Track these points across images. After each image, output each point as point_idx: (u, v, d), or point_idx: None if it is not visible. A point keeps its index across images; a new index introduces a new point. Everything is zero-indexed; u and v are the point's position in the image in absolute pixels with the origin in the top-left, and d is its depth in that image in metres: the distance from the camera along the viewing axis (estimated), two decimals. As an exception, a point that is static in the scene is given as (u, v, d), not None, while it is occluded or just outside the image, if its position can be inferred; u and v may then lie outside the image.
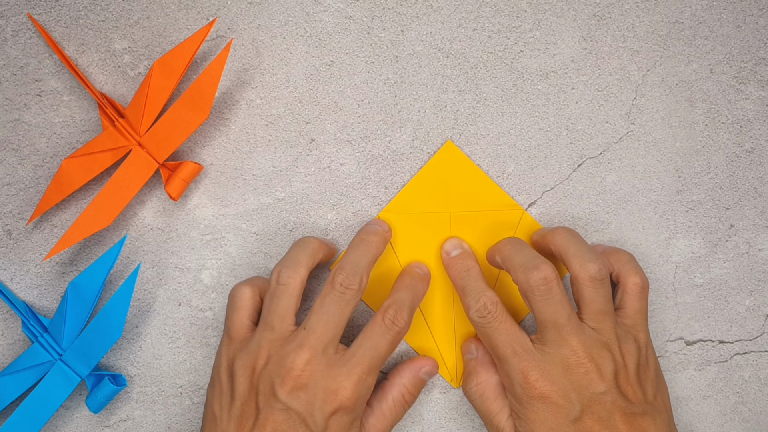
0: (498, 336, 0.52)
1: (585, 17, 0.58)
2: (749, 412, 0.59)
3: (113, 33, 0.57)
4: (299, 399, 0.49)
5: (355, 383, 0.49)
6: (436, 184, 0.57)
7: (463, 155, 0.58)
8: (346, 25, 0.57)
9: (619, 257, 0.55)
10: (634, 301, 0.54)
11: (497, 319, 0.52)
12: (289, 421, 0.49)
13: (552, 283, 0.51)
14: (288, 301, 0.52)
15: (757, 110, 0.58)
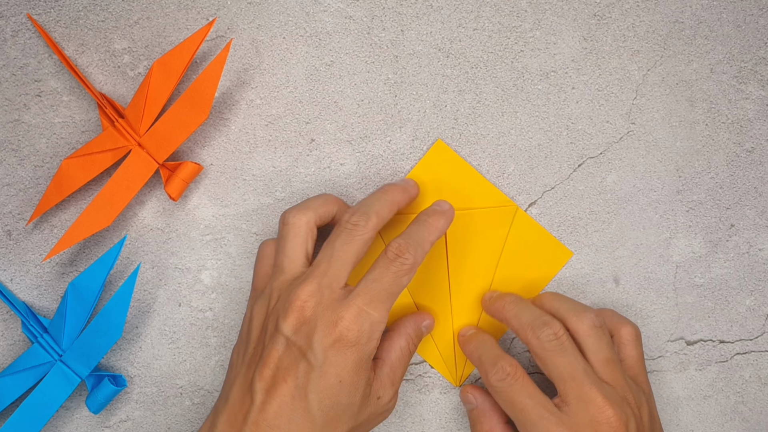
0: (521, 398, 0.51)
1: (585, 17, 0.58)
2: (750, 411, 0.59)
3: (113, 33, 0.57)
4: (300, 332, 0.48)
5: (355, 314, 0.48)
6: (428, 184, 0.57)
7: (454, 153, 0.57)
8: (345, 25, 0.57)
9: (604, 313, 0.55)
10: (631, 350, 0.54)
11: (518, 381, 0.51)
12: (290, 355, 0.48)
13: (563, 338, 0.51)
14: (294, 241, 0.51)
15: (758, 110, 0.58)
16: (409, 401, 0.58)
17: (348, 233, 0.50)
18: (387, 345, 0.52)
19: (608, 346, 0.52)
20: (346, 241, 0.50)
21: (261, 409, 0.48)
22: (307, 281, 0.49)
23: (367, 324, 0.48)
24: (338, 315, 0.48)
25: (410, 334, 0.53)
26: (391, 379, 0.51)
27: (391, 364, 0.51)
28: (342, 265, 0.49)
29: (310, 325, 0.48)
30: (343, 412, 0.48)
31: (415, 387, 0.58)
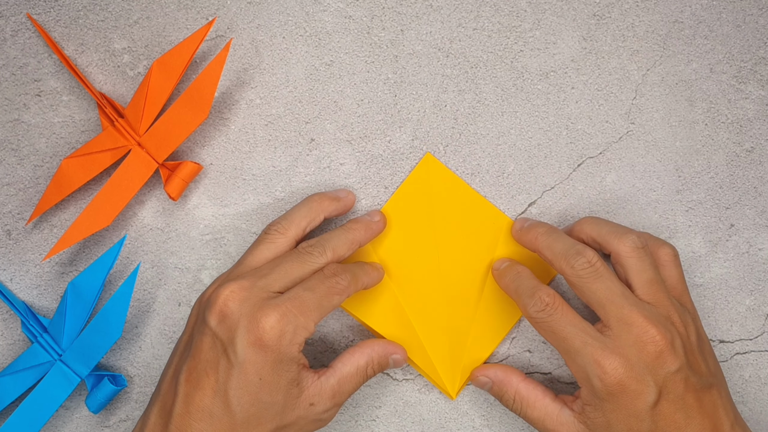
0: (563, 327, 0.50)
1: (585, 17, 0.58)
2: (750, 411, 0.59)
3: (112, 33, 0.57)
4: (223, 325, 0.48)
5: (281, 315, 0.48)
6: (418, 199, 0.57)
7: (443, 167, 0.57)
8: (345, 25, 0.57)
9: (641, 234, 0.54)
10: (672, 270, 0.53)
11: (558, 311, 0.50)
12: (213, 349, 0.48)
13: (597, 264, 0.50)
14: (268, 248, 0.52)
15: (757, 109, 0.58)
16: (409, 401, 0.58)
17: (300, 257, 0.51)
18: (346, 358, 0.52)
19: (651, 267, 0.51)
20: (295, 262, 0.51)
21: (184, 401, 0.48)
22: (243, 278, 0.49)
23: (291, 326, 0.48)
24: (263, 312, 0.48)
25: (374, 357, 0.53)
26: (334, 392, 0.50)
27: (340, 377, 0.51)
28: (283, 276, 0.50)
29: (233, 319, 0.48)
30: (265, 410, 0.48)
31: (414, 387, 0.58)
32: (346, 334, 0.58)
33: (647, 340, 0.49)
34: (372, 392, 0.58)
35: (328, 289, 0.50)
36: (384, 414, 0.58)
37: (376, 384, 0.58)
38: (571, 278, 0.51)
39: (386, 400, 0.58)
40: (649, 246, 0.53)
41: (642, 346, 0.49)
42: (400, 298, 0.57)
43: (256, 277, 0.49)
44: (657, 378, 0.49)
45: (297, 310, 0.48)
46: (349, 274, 0.51)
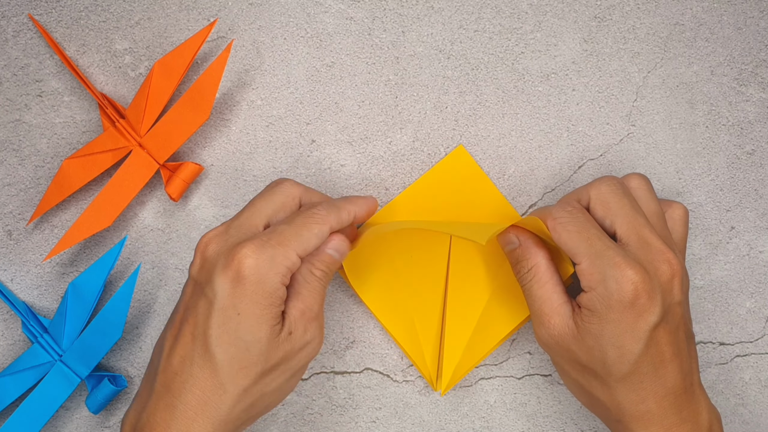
0: (588, 229, 0.49)
1: (586, 19, 0.58)
2: (749, 414, 0.59)
3: (114, 34, 0.57)
4: (203, 270, 0.47)
5: (257, 246, 0.46)
6: (440, 189, 0.57)
7: (473, 162, 0.57)
8: (346, 26, 0.57)
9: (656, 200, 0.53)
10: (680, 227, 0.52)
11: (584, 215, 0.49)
12: (194, 294, 0.47)
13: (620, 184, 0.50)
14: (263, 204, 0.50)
15: (758, 112, 0.58)
16: (409, 403, 0.58)
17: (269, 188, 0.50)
18: (295, 276, 0.49)
19: (657, 203, 0.51)
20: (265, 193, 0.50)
21: (167, 356, 0.47)
22: (221, 225, 0.49)
23: (268, 254, 0.46)
24: (240, 246, 0.46)
25: (312, 261, 0.49)
26: (300, 310, 0.48)
27: (296, 293, 0.48)
28: (254, 210, 0.49)
29: (212, 262, 0.47)
30: (247, 350, 0.46)
31: (414, 388, 0.58)
32: (347, 335, 0.58)
33: (663, 261, 0.48)
34: (372, 394, 0.58)
35: (305, 219, 0.48)
36: (384, 416, 0.58)
37: (376, 386, 0.58)
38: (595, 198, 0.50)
39: (386, 402, 0.58)
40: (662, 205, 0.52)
41: (658, 266, 0.48)
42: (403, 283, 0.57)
43: (229, 221, 0.49)
44: (665, 302, 0.48)
45: (274, 241, 0.46)
46: (327, 205, 0.49)
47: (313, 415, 0.58)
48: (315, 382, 0.58)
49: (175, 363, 0.46)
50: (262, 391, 0.47)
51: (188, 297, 0.48)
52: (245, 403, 0.47)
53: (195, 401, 0.45)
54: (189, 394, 0.45)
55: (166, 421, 0.45)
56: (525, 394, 0.58)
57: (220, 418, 0.46)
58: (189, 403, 0.45)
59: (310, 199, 0.51)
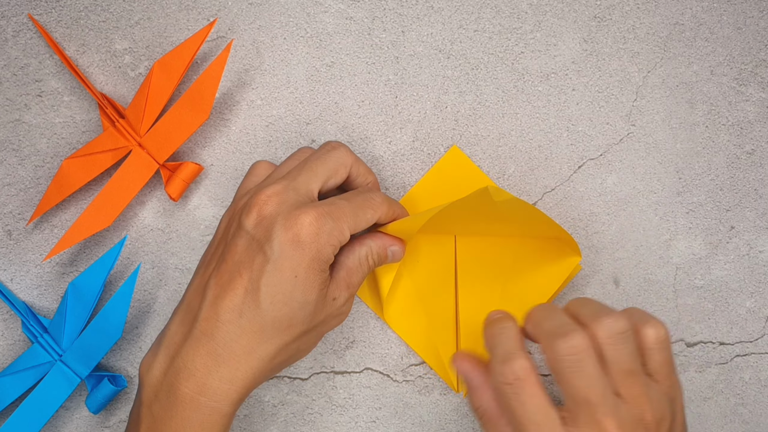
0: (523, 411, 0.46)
1: (585, 19, 0.58)
2: (749, 413, 0.59)
3: (114, 33, 0.57)
4: (260, 226, 0.48)
5: (316, 215, 0.47)
6: (439, 192, 0.57)
7: (469, 161, 0.57)
8: (346, 26, 0.57)
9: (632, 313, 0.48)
10: (656, 354, 0.47)
11: (526, 392, 0.46)
12: (249, 249, 0.48)
13: (582, 354, 0.45)
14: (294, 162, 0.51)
15: (758, 112, 0.58)
16: (409, 402, 0.58)
17: (325, 152, 0.51)
18: (347, 251, 0.51)
19: (630, 356, 0.46)
20: (321, 157, 0.51)
21: (213, 303, 0.47)
22: (276, 182, 0.49)
23: (328, 226, 0.48)
24: (300, 210, 0.48)
25: (372, 247, 0.52)
26: (347, 283, 0.50)
27: (347, 268, 0.50)
28: (312, 175, 0.50)
29: (271, 219, 0.48)
30: (298, 310, 0.48)
31: (414, 388, 0.58)
32: (347, 335, 0.58)
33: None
34: (372, 393, 0.58)
35: (363, 201, 0.50)
36: (384, 415, 0.58)
37: (376, 385, 0.58)
38: (550, 362, 0.46)
39: (386, 402, 0.58)
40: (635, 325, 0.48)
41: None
42: (413, 289, 0.57)
43: (287, 180, 0.49)
44: None
45: (333, 213, 0.48)
46: (383, 195, 0.52)
47: (313, 415, 0.58)
48: (315, 382, 0.58)
49: (222, 313, 0.47)
50: (298, 348, 0.49)
51: (242, 250, 0.48)
52: (282, 356, 0.49)
53: (240, 351, 0.47)
54: (235, 344, 0.47)
55: (208, 367, 0.47)
56: (525, 394, 0.58)
57: (260, 369, 0.48)
58: (234, 353, 0.47)
59: (358, 169, 0.52)
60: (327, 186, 0.51)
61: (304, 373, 0.58)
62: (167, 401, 0.47)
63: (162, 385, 0.48)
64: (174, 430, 0.47)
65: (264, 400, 0.58)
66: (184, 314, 0.49)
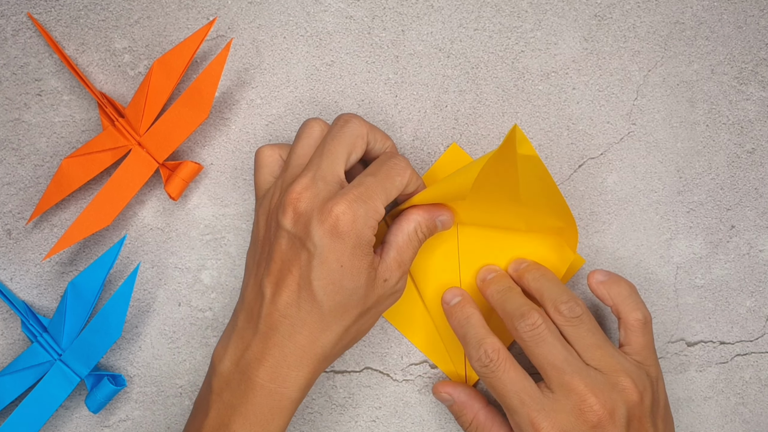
0: (503, 385, 0.51)
1: (586, 17, 0.58)
2: (750, 413, 0.59)
3: (113, 32, 0.57)
4: (299, 224, 0.49)
5: (349, 202, 0.49)
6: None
7: (469, 158, 0.57)
8: (346, 25, 0.57)
9: (620, 291, 0.54)
10: (638, 337, 0.53)
11: (500, 367, 0.51)
12: (292, 247, 0.49)
13: (539, 328, 0.51)
14: (307, 141, 0.52)
15: (758, 111, 0.58)
16: (409, 401, 0.58)
17: (338, 128, 0.51)
18: (395, 229, 0.53)
19: (590, 333, 0.52)
20: (336, 136, 0.51)
21: (271, 301, 0.49)
22: (302, 175, 0.50)
23: (362, 210, 0.49)
24: (333, 202, 0.49)
25: (420, 221, 0.53)
26: (398, 262, 0.51)
27: (398, 247, 0.52)
28: (334, 158, 0.50)
29: (307, 216, 0.49)
30: (350, 296, 0.49)
31: (414, 387, 0.58)
32: (347, 334, 0.58)
33: (585, 409, 0.49)
34: (372, 393, 0.58)
35: (388, 170, 0.51)
36: (384, 415, 0.58)
37: (376, 385, 0.58)
38: (517, 340, 0.52)
39: (386, 401, 0.58)
40: (621, 308, 0.53)
41: (580, 414, 0.49)
42: (417, 288, 0.57)
43: (312, 171, 0.50)
44: None
45: (364, 195, 0.49)
46: (405, 159, 0.52)
47: (313, 414, 0.58)
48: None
49: (281, 308, 0.49)
50: (358, 329, 0.51)
51: (286, 249, 0.49)
52: (345, 339, 0.51)
53: (305, 341, 0.49)
54: (299, 335, 0.49)
55: (276, 357, 0.49)
56: (525, 394, 0.58)
57: (325, 353, 0.50)
58: (299, 343, 0.49)
59: (375, 136, 0.53)
60: (350, 162, 0.52)
61: (304, 373, 0.58)
62: (239, 389, 0.49)
63: (233, 374, 0.50)
64: (245, 415, 0.49)
65: (264, 400, 0.58)
66: (248, 313, 0.51)
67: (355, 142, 0.51)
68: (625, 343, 0.53)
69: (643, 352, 0.53)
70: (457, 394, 0.55)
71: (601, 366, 0.51)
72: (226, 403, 0.50)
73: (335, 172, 0.50)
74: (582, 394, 0.49)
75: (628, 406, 0.50)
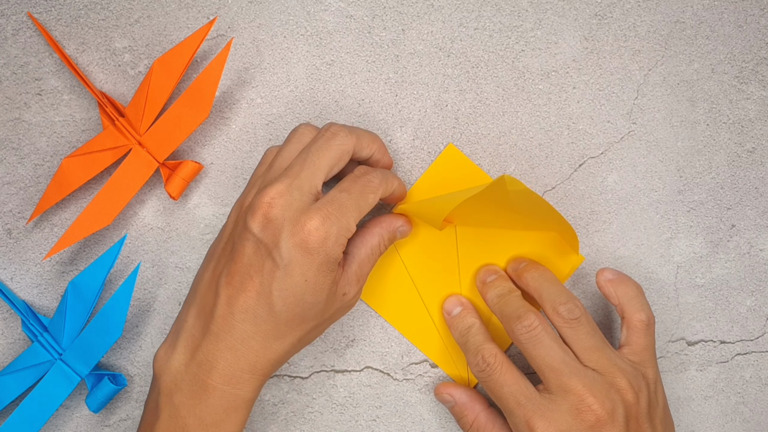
0: (500, 387, 0.51)
1: (586, 16, 0.58)
2: (750, 412, 0.59)
3: (113, 32, 0.57)
4: (267, 230, 0.48)
5: (323, 218, 0.48)
6: (439, 190, 0.57)
7: (466, 158, 0.57)
8: (346, 24, 0.57)
9: (626, 291, 0.54)
10: (639, 338, 0.53)
11: (497, 371, 0.51)
12: (257, 253, 0.48)
13: (535, 330, 0.51)
14: (295, 146, 0.52)
15: (759, 110, 0.58)
16: (409, 401, 0.58)
17: (325, 140, 0.51)
18: (357, 242, 0.53)
19: (588, 335, 0.51)
20: (322, 147, 0.50)
21: (227, 303, 0.49)
22: (279, 180, 0.49)
23: (334, 229, 0.48)
24: (306, 216, 0.48)
25: (383, 234, 0.53)
26: (358, 276, 0.52)
27: (359, 261, 0.52)
28: (315, 170, 0.50)
29: (277, 224, 0.48)
30: (309, 310, 0.49)
31: (415, 387, 0.58)
32: (347, 333, 0.58)
33: (584, 409, 0.49)
34: (372, 392, 0.58)
35: (362, 188, 0.50)
36: (384, 414, 0.58)
37: (376, 384, 0.58)
38: (515, 342, 0.52)
39: (386, 400, 0.58)
40: (626, 307, 0.54)
41: (578, 414, 0.49)
42: (417, 289, 0.57)
43: (290, 178, 0.49)
44: None
45: (337, 212, 0.49)
46: (379, 173, 0.52)
47: (313, 414, 0.58)
48: (315, 381, 0.58)
49: (237, 313, 0.49)
50: (309, 338, 0.52)
51: (251, 253, 0.49)
52: (297, 347, 0.51)
53: (258, 346, 0.49)
54: (252, 341, 0.49)
55: (228, 360, 0.49)
56: (525, 393, 0.58)
57: (277, 359, 0.50)
58: (252, 348, 0.49)
59: (361, 144, 0.52)
60: (329, 175, 0.51)
61: (305, 372, 0.58)
62: (191, 391, 0.49)
63: (184, 376, 0.49)
64: (199, 417, 0.49)
65: (264, 399, 0.58)
66: (199, 309, 0.50)
67: (340, 157, 0.51)
68: (626, 343, 0.53)
69: (642, 354, 0.53)
70: (459, 396, 0.55)
71: (598, 367, 0.51)
72: (178, 404, 0.49)
73: (313, 183, 0.50)
74: (580, 395, 0.49)
75: (625, 406, 0.50)
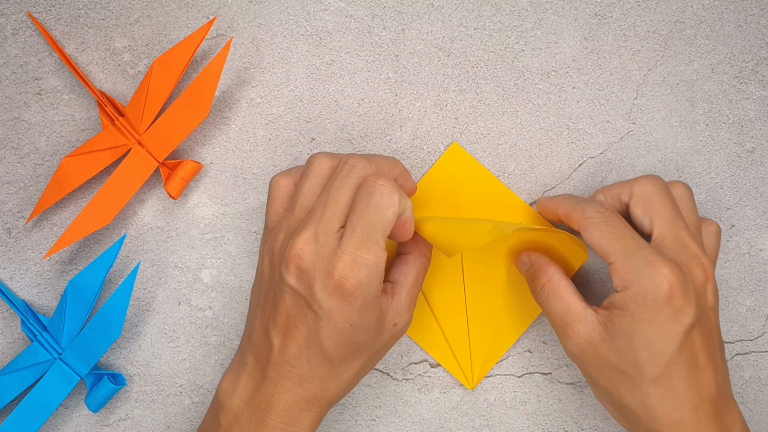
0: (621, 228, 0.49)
1: (586, 16, 0.58)
2: (750, 412, 0.59)
3: (113, 31, 0.57)
4: (301, 282, 0.48)
5: (350, 262, 0.47)
6: (442, 189, 0.57)
7: (470, 157, 0.57)
8: (346, 24, 0.57)
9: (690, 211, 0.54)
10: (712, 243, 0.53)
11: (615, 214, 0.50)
12: (298, 304, 0.48)
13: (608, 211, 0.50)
14: (315, 181, 0.50)
15: (759, 110, 0.58)
16: (408, 401, 0.58)
17: (344, 175, 0.49)
18: (404, 269, 0.52)
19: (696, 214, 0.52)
20: (343, 184, 0.49)
21: (280, 351, 0.49)
22: (305, 228, 0.48)
23: (365, 269, 0.47)
24: (333, 264, 0.47)
25: (426, 254, 0.53)
26: (408, 304, 0.51)
27: (408, 288, 0.51)
28: (337, 208, 0.48)
29: (310, 275, 0.48)
30: (360, 347, 0.49)
31: (414, 387, 0.58)
32: (346, 333, 0.58)
33: (697, 265, 0.48)
34: (372, 392, 0.58)
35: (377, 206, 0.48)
36: (384, 414, 0.58)
37: (375, 384, 0.58)
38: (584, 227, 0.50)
39: (386, 400, 0.58)
40: None
41: (692, 269, 0.48)
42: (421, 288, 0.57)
43: (314, 224, 0.48)
44: (699, 305, 0.48)
45: (361, 250, 0.47)
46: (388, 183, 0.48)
47: (313, 414, 0.58)
48: (315, 381, 0.58)
49: (290, 359, 0.49)
50: (366, 370, 0.52)
51: (291, 304, 0.49)
52: (353, 383, 0.51)
53: (315, 388, 0.50)
54: (309, 384, 0.49)
55: (287, 402, 0.50)
56: (525, 393, 0.58)
57: (336, 397, 0.51)
58: (309, 390, 0.50)
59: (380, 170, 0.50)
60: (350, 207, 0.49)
61: (304, 372, 0.58)
62: (249, 426, 0.50)
63: (244, 412, 0.50)
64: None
65: (264, 399, 0.58)
66: (257, 356, 0.50)
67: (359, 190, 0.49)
68: None
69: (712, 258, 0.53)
70: (535, 258, 0.54)
71: None
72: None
73: (337, 223, 0.48)
74: (696, 251, 0.49)
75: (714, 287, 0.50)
